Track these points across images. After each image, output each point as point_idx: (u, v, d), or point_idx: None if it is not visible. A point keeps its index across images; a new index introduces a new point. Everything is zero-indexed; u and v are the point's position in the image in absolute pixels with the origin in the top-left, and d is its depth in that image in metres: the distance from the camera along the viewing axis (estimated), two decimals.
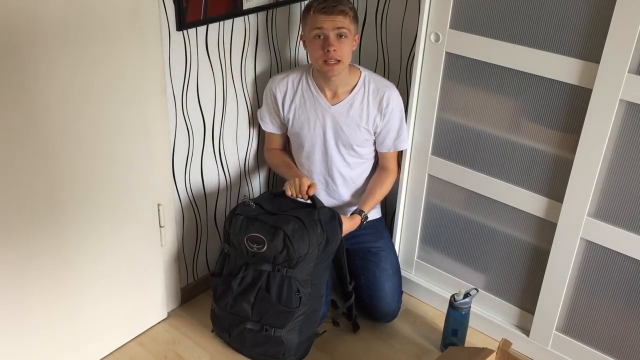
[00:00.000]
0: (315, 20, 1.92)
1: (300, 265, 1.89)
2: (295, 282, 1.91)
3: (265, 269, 1.91)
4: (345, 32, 1.92)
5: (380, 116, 2.08)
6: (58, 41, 1.58)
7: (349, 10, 1.93)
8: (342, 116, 2.07)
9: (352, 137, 2.10)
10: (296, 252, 1.86)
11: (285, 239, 1.85)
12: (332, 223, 1.96)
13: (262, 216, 1.92)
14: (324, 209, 1.97)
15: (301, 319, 1.95)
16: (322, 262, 1.96)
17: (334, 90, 2.06)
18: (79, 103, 1.69)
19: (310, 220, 1.89)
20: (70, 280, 1.87)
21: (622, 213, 1.80)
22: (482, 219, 2.14)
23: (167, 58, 1.90)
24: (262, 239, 1.87)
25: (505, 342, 1.76)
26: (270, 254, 1.88)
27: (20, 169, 1.62)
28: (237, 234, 1.92)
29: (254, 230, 1.89)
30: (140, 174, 1.95)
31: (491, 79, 1.95)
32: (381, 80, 2.10)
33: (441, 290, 2.32)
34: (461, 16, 1.94)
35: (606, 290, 1.92)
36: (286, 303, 1.92)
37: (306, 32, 1.99)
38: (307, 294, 1.93)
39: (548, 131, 1.89)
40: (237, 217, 1.93)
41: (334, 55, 1.92)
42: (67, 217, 1.78)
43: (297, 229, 1.86)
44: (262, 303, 1.93)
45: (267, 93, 2.15)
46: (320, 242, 1.90)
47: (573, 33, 1.74)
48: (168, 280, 2.22)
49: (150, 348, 2.13)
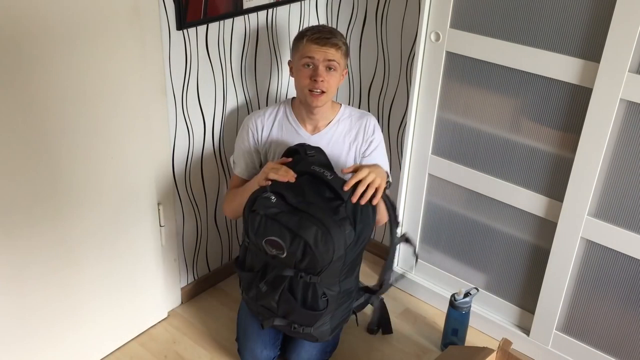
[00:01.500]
0: (308, 49, 1.87)
1: (325, 272, 1.73)
2: (321, 287, 1.76)
3: (287, 274, 1.75)
4: (335, 65, 1.88)
5: (365, 143, 2.00)
6: (58, 41, 1.57)
7: (342, 45, 1.90)
8: (323, 146, 1.94)
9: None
10: (319, 261, 1.69)
11: (307, 247, 1.67)
12: (365, 211, 1.74)
13: (282, 216, 1.71)
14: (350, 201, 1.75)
15: (331, 314, 1.84)
16: (353, 256, 1.78)
17: (314, 124, 2.00)
18: (79, 103, 1.69)
19: (336, 222, 1.68)
20: (71, 280, 1.86)
21: (622, 212, 1.80)
22: (483, 219, 2.14)
23: (167, 58, 1.90)
24: (281, 244, 1.70)
25: (506, 341, 1.76)
26: (290, 261, 1.72)
27: (20, 170, 1.62)
28: (255, 234, 1.75)
29: (273, 233, 1.71)
30: (140, 173, 1.95)
31: (491, 78, 1.95)
32: (362, 111, 2.05)
33: (441, 290, 2.32)
34: (461, 15, 1.94)
35: (606, 290, 1.92)
36: (312, 306, 1.79)
37: (295, 59, 1.93)
38: (334, 295, 1.79)
39: (548, 130, 1.89)
40: (255, 215, 1.74)
41: (321, 86, 1.87)
42: (67, 217, 1.78)
43: (320, 236, 1.67)
44: (286, 304, 1.80)
45: (244, 128, 2.03)
46: (349, 243, 1.72)
47: (573, 32, 1.74)
48: (168, 280, 2.22)
49: (151, 348, 2.13)
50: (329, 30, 1.90)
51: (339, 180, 1.74)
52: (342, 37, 1.92)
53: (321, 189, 1.75)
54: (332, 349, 2.06)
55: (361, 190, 1.72)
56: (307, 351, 1.98)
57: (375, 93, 2.37)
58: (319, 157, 1.84)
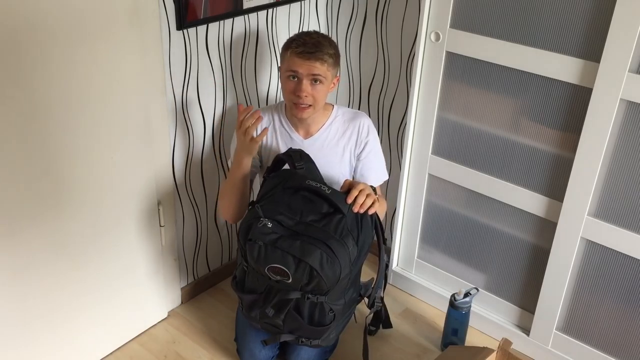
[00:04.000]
0: (292, 63, 1.81)
1: (332, 290, 1.72)
2: (328, 304, 1.75)
3: (293, 297, 1.73)
4: (320, 78, 1.82)
5: (359, 146, 1.98)
6: (58, 41, 1.57)
7: (327, 58, 1.81)
8: (316, 150, 1.94)
9: (326, 173, 1.93)
10: (327, 283, 1.67)
11: (313, 272, 1.64)
12: (365, 222, 1.74)
13: (283, 242, 1.66)
14: (350, 213, 1.71)
15: (337, 323, 1.85)
16: (357, 269, 1.79)
17: (306, 128, 1.97)
18: (79, 103, 1.69)
19: (339, 242, 1.66)
20: (71, 280, 1.86)
21: (622, 212, 1.80)
22: (483, 219, 2.14)
23: (167, 57, 1.90)
24: (285, 271, 1.66)
25: (506, 341, 1.76)
26: (297, 285, 1.69)
27: (20, 170, 1.62)
28: (256, 262, 1.70)
29: (275, 260, 1.66)
30: (140, 173, 1.95)
31: (491, 78, 1.95)
32: (355, 111, 2.03)
33: (441, 290, 2.32)
34: (461, 15, 1.94)
35: (606, 290, 1.92)
36: (319, 322, 1.79)
37: (282, 69, 1.88)
38: (340, 308, 1.80)
39: (548, 130, 1.89)
40: (252, 244, 1.69)
41: (305, 101, 1.84)
42: (67, 217, 1.78)
43: (326, 258, 1.64)
44: (293, 322, 1.80)
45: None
46: (353, 259, 1.70)
47: (573, 32, 1.74)
48: (168, 280, 2.22)
49: (151, 347, 2.13)
50: (315, 43, 1.81)
51: (339, 194, 1.72)
52: (329, 48, 1.83)
53: (318, 204, 1.72)
54: (332, 348, 2.06)
55: (362, 199, 1.71)
56: (307, 351, 1.98)
57: (375, 93, 2.37)
58: (308, 167, 1.80)
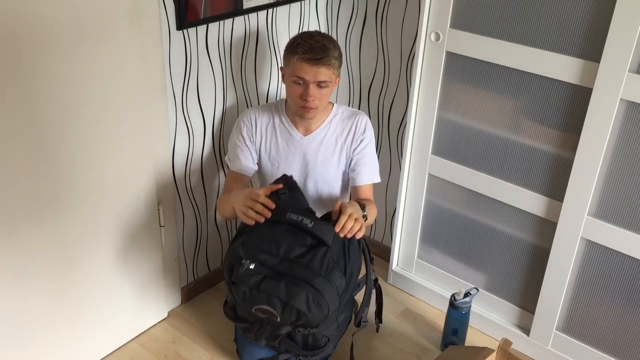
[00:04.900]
0: (299, 69, 1.80)
1: (322, 324, 1.76)
2: (320, 332, 1.80)
3: (284, 332, 1.79)
4: (327, 83, 1.83)
5: (355, 142, 1.99)
6: (58, 41, 1.57)
7: (334, 61, 1.82)
8: (315, 147, 1.98)
9: (324, 171, 2.00)
10: (315, 321, 1.70)
11: (299, 313, 1.66)
12: (352, 247, 1.74)
13: (267, 284, 1.65)
14: (337, 242, 1.69)
15: (332, 341, 1.91)
16: (347, 297, 1.79)
17: (307, 126, 1.99)
18: (79, 103, 1.69)
19: (325, 278, 1.65)
20: (71, 280, 1.86)
21: (622, 212, 1.80)
22: (483, 219, 2.14)
23: (167, 57, 1.90)
24: (272, 312, 1.67)
25: (506, 341, 1.76)
26: (286, 322, 1.71)
27: (20, 170, 1.62)
28: (242, 303, 1.71)
29: (261, 302, 1.67)
30: (140, 173, 1.95)
31: (491, 78, 1.95)
32: (354, 110, 2.04)
33: (441, 290, 2.33)
34: (461, 15, 1.94)
35: (606, 290, 1.92)
36: (313, 347, 1.85)
37: (287, 71, 1.87)
38: (334, 331, 1.86)
39: (548, 130, 1.89)
40: (237, 287, 1.69)
41: (311, 105, 1.85)
42: (67, 217, 1.78)
43: (312, 299, 1.64)
44: (289, 347, 1.87)
45: (238, 123, 2.02)
46: (341, 292, 1.69)
47: (573, 32, 1.74)
48: (168, 280, 2.22)
49: (151, 347, 2.13)
50: (321, 47, 1.80)
51: (322, 227, 1.68)
52: (334, 51, 1.84)
53: (301, 237, 1.69)
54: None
55: (350, 225, 1.68)
56: None
57: (375, 93, 2.37)
58: (291, 196, 1.77)
